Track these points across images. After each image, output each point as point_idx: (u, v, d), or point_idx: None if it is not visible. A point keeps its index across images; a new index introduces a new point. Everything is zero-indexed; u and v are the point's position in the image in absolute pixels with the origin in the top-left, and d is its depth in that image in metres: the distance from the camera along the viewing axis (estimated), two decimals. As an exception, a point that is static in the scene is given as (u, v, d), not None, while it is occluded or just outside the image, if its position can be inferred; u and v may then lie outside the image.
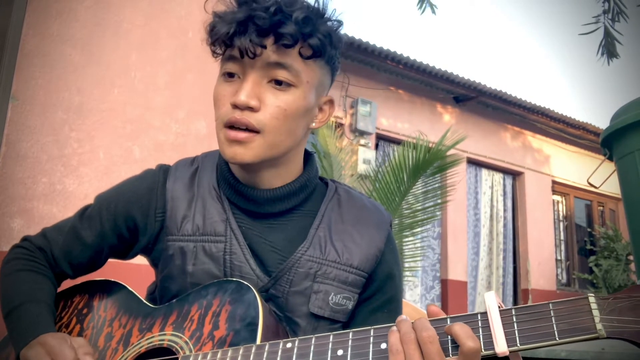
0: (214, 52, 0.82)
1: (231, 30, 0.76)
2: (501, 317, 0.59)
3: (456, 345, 0.60)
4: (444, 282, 6.28)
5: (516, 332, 0.58)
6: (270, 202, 0.86)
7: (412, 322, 0.63)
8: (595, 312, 0.56)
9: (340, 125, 5.48)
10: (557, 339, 0.56)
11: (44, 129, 2.61)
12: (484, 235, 6.88)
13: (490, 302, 0.61)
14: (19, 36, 2.60)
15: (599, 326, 0.55)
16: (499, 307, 0.60)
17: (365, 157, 5.49)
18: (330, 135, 3.98)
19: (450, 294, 6.22)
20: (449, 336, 0.61)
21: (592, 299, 0.57)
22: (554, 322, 0.57)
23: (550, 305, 0.59)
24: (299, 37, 0.77)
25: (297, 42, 0.77)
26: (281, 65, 0.78)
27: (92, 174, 2.71)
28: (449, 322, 0.62)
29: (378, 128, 5.92)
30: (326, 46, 0.81)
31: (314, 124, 0.87)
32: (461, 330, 0.59)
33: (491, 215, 6.99)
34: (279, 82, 0.79)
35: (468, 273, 6.63)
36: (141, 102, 2.89)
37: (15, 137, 2.54)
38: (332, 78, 0.89)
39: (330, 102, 0.89)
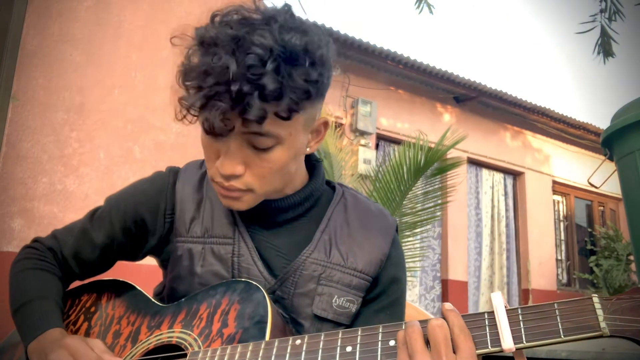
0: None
1: (196, 104, 0.70)
2: (508, 316, 0.61)
3: None
4: (444, 282, 6.28)
5: (522, 330, 0.60)
6: (276, 212, 0.87)
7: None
8: (599, 312, 0.58)
9: (340, 125, 5.48)
10: (562, 336, 0.58)
11: (44, 129, 2.61)
12: (486, 235, 6.88)
13: (497, 301, 0.62)
14: (20, 36, 2.61)
15: (602, 325, 0.57)
16: (505, 306, 0.62)
17: (366, 157, 5.49)
18: (330, 135, 3.98)
19: (450, 294, 6.22)
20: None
21: (596, 299, 0.59)
22: (559, 320, 0.59)
23: (556, 304, 0.61)
24: (267, 113, 0.70)
25: (266, 117, 0.70)
26: (258, 134, 0.73)
27: (92, 174, 2.71)
28: None
29: (378, 128, 5.93)
30: (306, 98, 0.72)
31: (308, 149, 0.84)
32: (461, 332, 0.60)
33: (492, 215, 6.99)
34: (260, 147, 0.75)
35: (471, 273, 6.63)
36: (142, 102, 2.89)
37: (16, 137, 2.54)
38: (323, 99, 0.82)
39: (325, 123, 0.85)
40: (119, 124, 2.82)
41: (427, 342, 0.61)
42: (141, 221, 0.90)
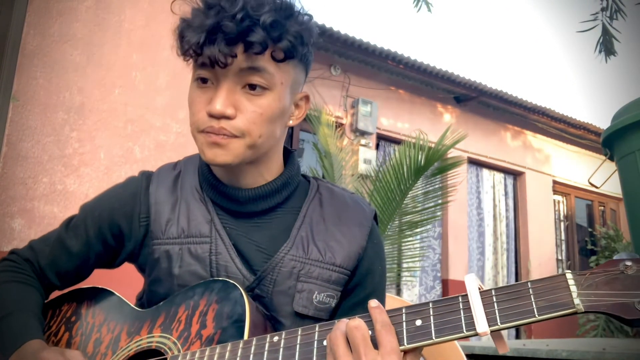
0: (184, 58, 0.81)
1: (200, 39, 0.75)
2: (481, 298, 0.60)
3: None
4: (445, 282, 6.28)
5: (496, 311, 0.59)
6: (253, 200, 0.87)
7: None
8: (573, 288, 0.57)
9: (340, 125, 5.48)
10: (537, 315, 0.58)
11: (44, 129, 2.61)
12: (489, 235, 6.88)
13: (471, 284, 0.62)
14: (20, 36, 2.61)
15: (576, 301, 0.56)
16: (479, 288, 0.62)
17: (366, 157, 5.48)
18: (330, 135, 3.98)
19: (450, 293, 6.20)
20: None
21: (569, 275, 0.59)
22: (532, 299, 0.58)
23: (529, 283, 0.60)
24: (268, 43, 0.76)
25: (267, 47, 0.77)
26: (254, 69, 0.78)
27: (92, 174, 2.71)
28: (430, 307, 0.63)
29: (378, 128, 5.92)
30: (297, 47, 0.80)
31: (290, 122, 0.88)
32: (382, 329, 0.61)
33: (494, 215, 7.00)
34: (253, 87, 0.79)
35: (474, 273, 6.62)
36: (142, 102, 2.89)
37: (16, 137, 2.54)
38: (307, 73, 0.90)
39: (306, 97, 0.90)
40: (119, 124, 2.82)
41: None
42: (116, 227, 0.89)
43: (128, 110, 2.86)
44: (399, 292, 5.78)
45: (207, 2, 0.78)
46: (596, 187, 2.19)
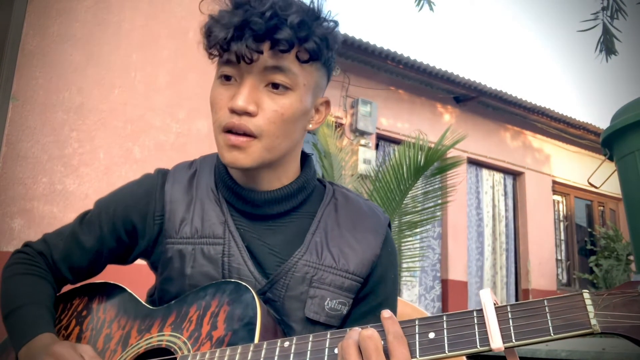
0: (210, 55, 0.82)
1: (228, 35, 0.76)
2: (496, 314, 0.60)
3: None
4: (444, 282, 6.28)
5: (511, 328, 0.58)
6: (269, 203, 0.87)
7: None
8: (590, 308, 0.56)
9: (340, 125, 5.48)
10: (552, 334, 0.57)
11: (44, 129, 2.61)
12: (488, 235, 6.88)
13: (486, 299, 0.61)
14: (20, 36, 2.61)
15: (593, 322, 0.56)
16: (495, 304, 0.61)
17: (366, 157, 5.49)
18: (330, 135, 3.98)
19: (450, 294, 6.22)
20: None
21: (586, 295, 0.58)
22: (548, 318, 0.58)
23: (545, 301, 0.59)
24: (295, 42, 0.77)
25: (293, 46, 0.78)
26: (278, 68, 0.78)
27: (92, 174, 2.71)
28: (444, 320, 0.62)
29: (378, 128, 5.93)
30: (322, 49, 0.81)
31: (310, 126, 0.88)
32: (394, 339, 0.61)
33: (493, 215, 7.00)
34: (276, 86, 0.79)
35: (473, 273, 6.63)
36: (142, 102, 2.89)
37: (16, 137, 2.54)
38: (328, 79, 0.90)
39: (327, 102, 0.90)
40: (119, 124, 2.82)
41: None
42: (130, 224, 0.89)
43: (128, 110, 2.85)
44: (398, 292, 5.79)
45: (235, 1, 0.79)
46: (595, 187, 2.19)
